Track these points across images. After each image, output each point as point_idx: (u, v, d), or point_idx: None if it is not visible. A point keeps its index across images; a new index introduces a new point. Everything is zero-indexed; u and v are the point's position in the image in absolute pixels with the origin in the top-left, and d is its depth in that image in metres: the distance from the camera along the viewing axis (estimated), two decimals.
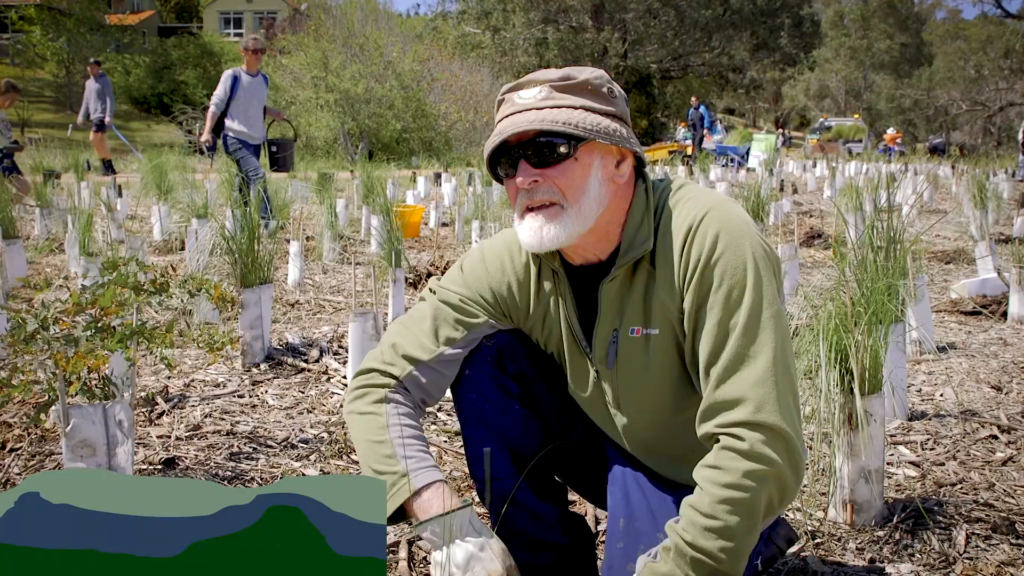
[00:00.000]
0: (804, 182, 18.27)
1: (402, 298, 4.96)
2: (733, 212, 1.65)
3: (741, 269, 1.59)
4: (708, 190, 1.74)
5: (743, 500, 1.50)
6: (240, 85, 9.08)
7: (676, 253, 1.65)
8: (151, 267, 2.85)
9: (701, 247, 1.62)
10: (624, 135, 1.68)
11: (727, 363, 1.56)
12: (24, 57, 45.15)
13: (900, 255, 3.11)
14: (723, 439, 1.54)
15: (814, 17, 43.89)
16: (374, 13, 32.87)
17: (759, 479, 1.50)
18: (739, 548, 1.51)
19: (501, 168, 1.70)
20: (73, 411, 2.36)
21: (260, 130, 9.39)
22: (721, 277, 1.59)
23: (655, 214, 1.71)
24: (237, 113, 9.08)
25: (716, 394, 1.56)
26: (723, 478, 1.51)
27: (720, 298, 1.59)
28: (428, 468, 1.70)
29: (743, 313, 1.57)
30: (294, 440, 3.19)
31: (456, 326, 1.81)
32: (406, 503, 1.67)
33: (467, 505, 1.66)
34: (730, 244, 1.60)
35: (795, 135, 52.45)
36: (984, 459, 2.97)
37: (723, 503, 1.50)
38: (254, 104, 9.21)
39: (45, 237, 9.03)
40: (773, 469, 1.50)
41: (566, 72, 1.69)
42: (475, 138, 30.39)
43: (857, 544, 2.37)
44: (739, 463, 1.50)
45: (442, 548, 1.63)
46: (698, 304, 1.62)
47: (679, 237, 1.65)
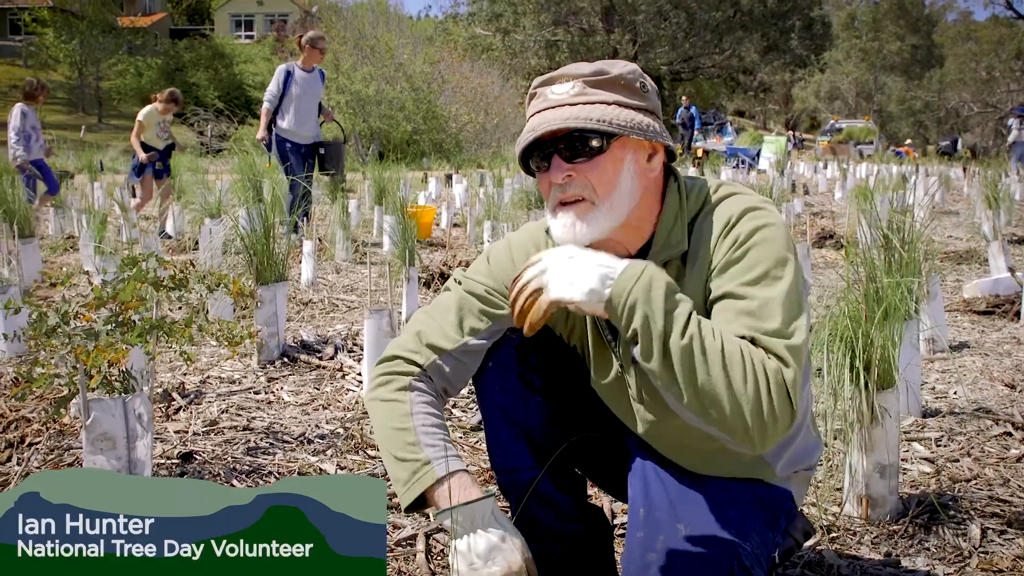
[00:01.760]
0: (815, 183, 18.25)
1: (416, 296, 4.98)
2: (772, 213, 1.67)
3: (774, 259, 1.60)
4: (748, 191, 1.75)
5: (735, 358, 1.48)
6: (293, 80, 8.67)
7: (708, 249, 1.67)
8: (170, 263, 2.88)
9: (737, 236, 1.63)
10: (657, 129, 1.68)
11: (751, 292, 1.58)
12: (37, 59, 45.32)
13: (913, 254, 3.12)
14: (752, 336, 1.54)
15: (825, 19, 43.84)
16: (385, 15, 32.95)
17: (758, 386, 1.48)
18: (677, 370, 1.49)
19: (533, 162, 1.71)
20: (94, 404, 2.39)
21: (312, 128, 8.89)
22: (747, 249, 1.61)
23: (695, 215, 1.72)
24: (287, 110, 8.68)
25: (744, 313, 1.56)
26: (744, 351, 1.50)
27: (745, 259, 1.61)
28: (452, 457, 1.70)
29: (766, 262, 1.60)
30: (310, 435, 3.21)
31: (481, 316, 1.82)
32: (427, 491, 1.67)
33: (490, 495, 1.67)
34: (767, 238, 1.62)
35: (806, 137, 52.34)
36: (998, 456, 2.97)
37: (726, 341, 1.50)
38: (306, 101, 8.75)
39: (60, 236, 9.09)
40: (777, 378, 1.49)
41: (599, 67, 1.69)
42: (486, 140, 30.44)
43: (872, 538, 2.38)
44: (760, 361, 1.49)
45: (464, 537, 1.64)
46: (722, 269, 1.63)
47: (715, 236, 1.67)
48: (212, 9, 61.96)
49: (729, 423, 1.48)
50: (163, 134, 10.17)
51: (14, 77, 47.18)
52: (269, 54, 43.35)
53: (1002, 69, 55.00)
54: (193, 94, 40.76)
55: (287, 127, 8.71)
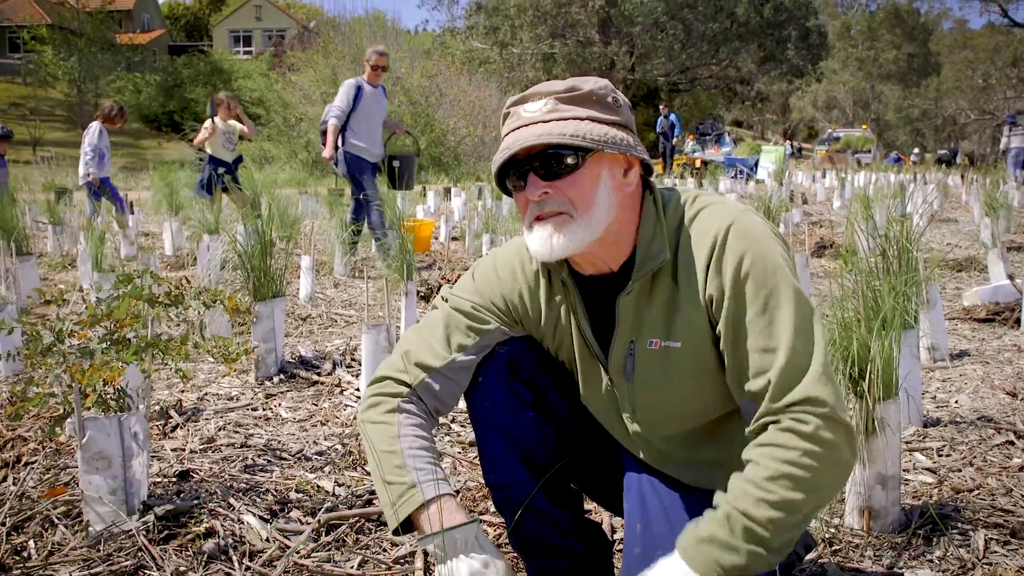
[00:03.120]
0: (813, 193, 18.27)
1: (414, 311, 4.97)
2: (755, 222, 1.65)
3: (773, 277, 1.58)
4: (723, 199, 1.73)
5: (802, 477, 1.48)
6: (363, 96, 8.27)
7: (700, 268, 1.64)
8: (165, 280, 2.86)
9: (729, 263, 1.60)
10: (631, 143, 1.67)
11: (784, 365, 1.54)
12: (36, 76, 45.50)
13: (912, 262, 3.11)
14: (785, 421, 1.51)
15: (821, 29, 43.89)
16: (382, 30, 33.12)
17: (820, 459, 1.48)
18: (789, 524, 1.48)
19: (510, 181, 1.70)
20: (89, 423, 2.37)
21: (379, 146, 8.53)
22: (756, 291, 1.58)
23: (676, 228, 1.70)
24: (358, 127, 8.25)
25: (776, 391, 1.54)
26: (784, 455, 1.49)
27: (757, 309, 1.58)
28: (437, 481, 1.69)
29: (789, 318, 1.56)
30: (308, 452, 3.19)
31: (468, 332, 1.81)
32: (413, 515, 1.67)
33: (473, 521, 1.66)
34: (757, 257, 1.59)
35: (804, 146, 52.41)
36: (1001, 465, 2.95)
37: (782, 477, 1.48)
38: (375, 118, 8.41)
39: (58, 254, 9.08)
40: (835, 454, 1.49)
41: (571, 83, 1.68)
42: (484, 153, 30.47)
43: (875, 550, 2.36)
44: (801, 443, 1.49)
45: (447, 562, 1.63)
46: (735, 320, 1.60)
47: (703, 251, 1.64)
48: (210, 25, 62.26)
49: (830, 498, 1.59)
50: (229, 145, 10.05)
51: (13, 95, 47.38)
52: (267, 69, 43.51)
53: (998, 76, 55.17)
54: (192, 110, 40.91)
55: (361, 144, 8.32)
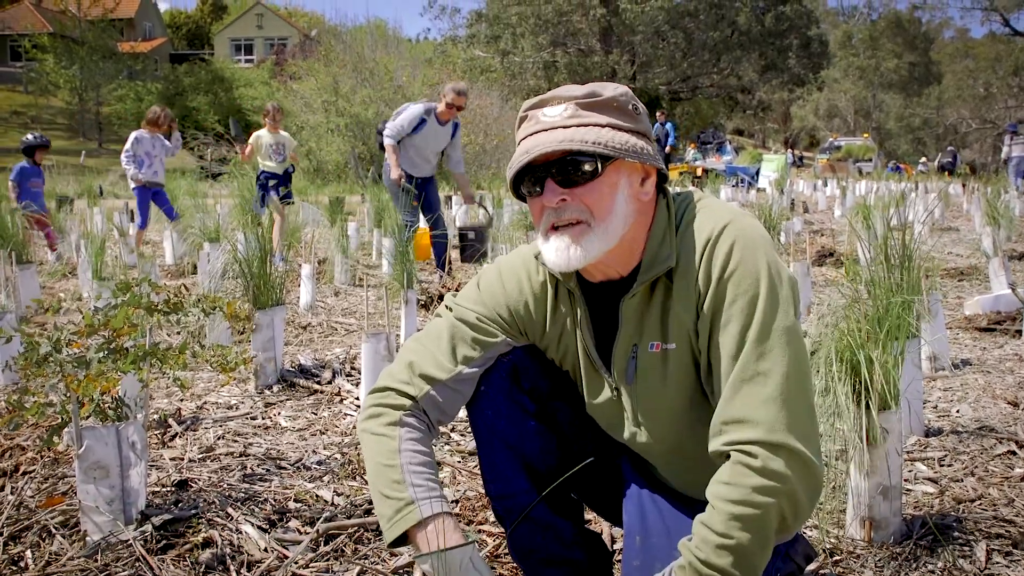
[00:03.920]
0: (815, 201, 18.26)
1: (414, 319, 4.96)
2: (750, 226, 1.63)
3: (755, 283, 1.57)
4: (727, 204, 1.72)
5: (754, 516, 1.48)
6: (425, 127, 7.84)
7: (694, 267, 1.63)
8: (163, 287, 2.85)
9: (717, 261, 1.60)
10: (650, 152, 1.66)
11: (738, 380, 1.54)
12: (37, 85, 45.61)
13: (913, 271, 3.10)
14: (734, 455, 1.52)
15: (822, 38, 43.93)
16: (384, 38, 33.10)
17: (770, 495, 1.48)
18: (752, 565, 1.49)
19: (525, 186, 1.67)
20: (86, 433, 2.36)
21: (425, 170, 8.14)
22: (735, 291, 1.58)
23: (676, 229, 1.69)
24: (404, 151, 7.91)
25: (727, 411, 1.54)
26: (734, 494, 1.49)
27: (734, 313, 1.57)
28: (435, 499, 1.68)
29: (755, 328, 1.55)
30: (307, 461, 3.18)
31: (474, 345, 1.79)
32: (409, 531, 1.66)
33: (470, 542, 1.65)
34: (744, 258, 1.59)
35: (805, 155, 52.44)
36: (1003, 475, 2.94)
37: (734, 520, 1.48)
38: (425, 151, 7.99)
39: (58, 262, 9.08)
40: (785, 486, 1.48)
41: (591, 89, 1.66)
42: (485, 161, 30.46)
43: (876, 561, 2.35)
44: (750, 479, 1.49)
45: None
46: (712, 319, 1.60)
47: (697, 251, 1.63)
48: (212, 33, 62.39)
49: (795, 528, 1.56)
50: (277, 156, 9.51)
51: (15, 103, 47.44)
52: (268, 78, 43.58)
53: (999, 85, 55.22)
54: (193, 118, 40.93)
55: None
